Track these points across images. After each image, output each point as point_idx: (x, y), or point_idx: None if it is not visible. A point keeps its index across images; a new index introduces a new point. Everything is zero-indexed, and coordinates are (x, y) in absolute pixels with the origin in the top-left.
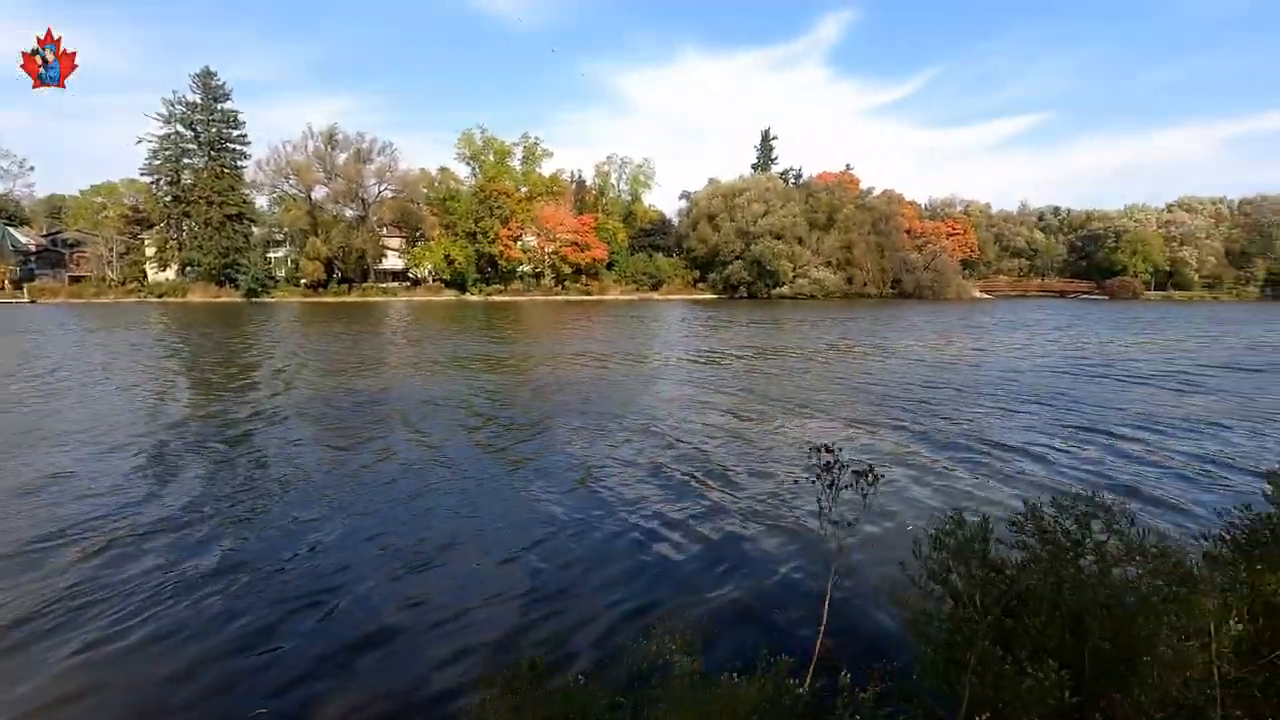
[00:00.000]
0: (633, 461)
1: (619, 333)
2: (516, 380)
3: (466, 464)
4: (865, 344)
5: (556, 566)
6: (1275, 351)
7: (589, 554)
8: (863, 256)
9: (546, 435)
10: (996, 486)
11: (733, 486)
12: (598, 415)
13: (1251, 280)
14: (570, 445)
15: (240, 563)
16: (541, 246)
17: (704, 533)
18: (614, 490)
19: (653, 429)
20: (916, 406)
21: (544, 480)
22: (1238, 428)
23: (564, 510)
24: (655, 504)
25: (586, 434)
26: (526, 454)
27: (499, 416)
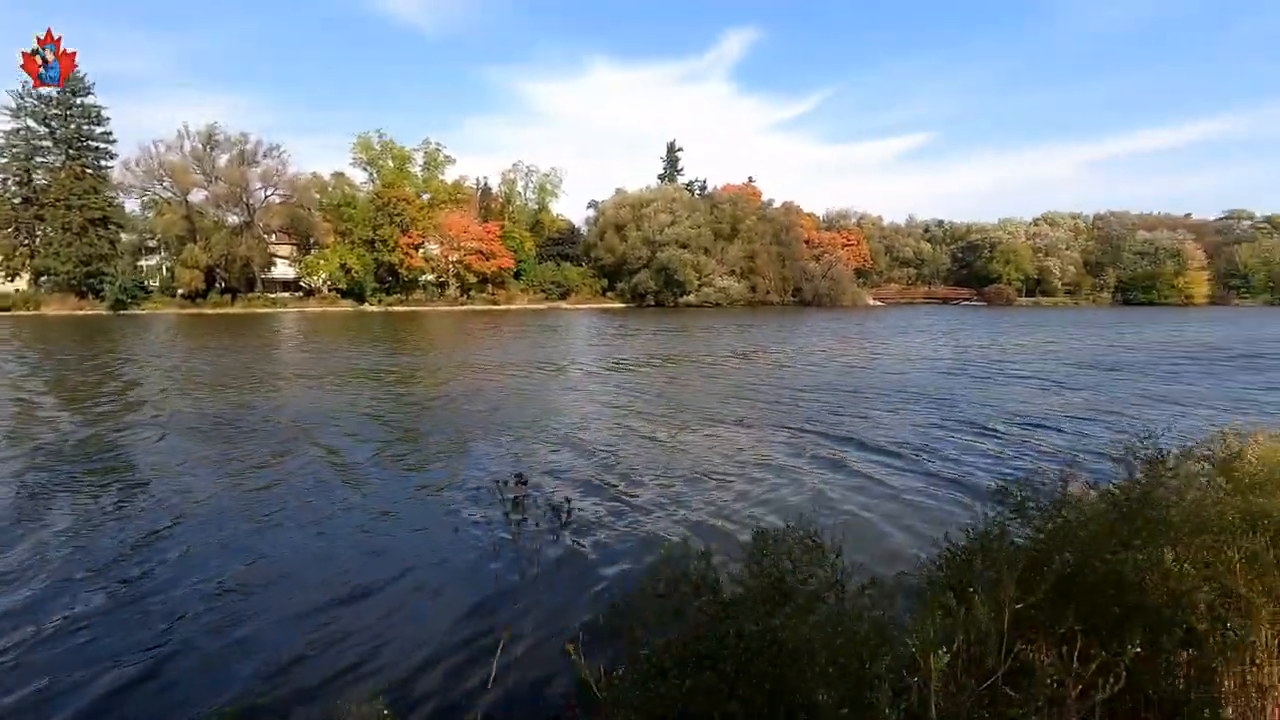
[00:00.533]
0: (542, 473)
1: (526, 342)
2: (416, 394)
3: (357, 485)
4: (768, 350)
5: (438, 596)
6: (1126, 351)
7: (464, 580)
8: (765, 266)
9: (446, 451)
10: (838, 496)
11: (643, 497)
12: (507, 427)
13: (1105, 287)
14: (471, 462)
15: (115, 606)
16: (445, 255)
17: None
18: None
19: (558, 440)
20: (805, 408)
21: (442, 500)
22: (1096, 421)
23: (456, 531)
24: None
25: (489, 449)
26: (426, 472)
27: (396, 433)
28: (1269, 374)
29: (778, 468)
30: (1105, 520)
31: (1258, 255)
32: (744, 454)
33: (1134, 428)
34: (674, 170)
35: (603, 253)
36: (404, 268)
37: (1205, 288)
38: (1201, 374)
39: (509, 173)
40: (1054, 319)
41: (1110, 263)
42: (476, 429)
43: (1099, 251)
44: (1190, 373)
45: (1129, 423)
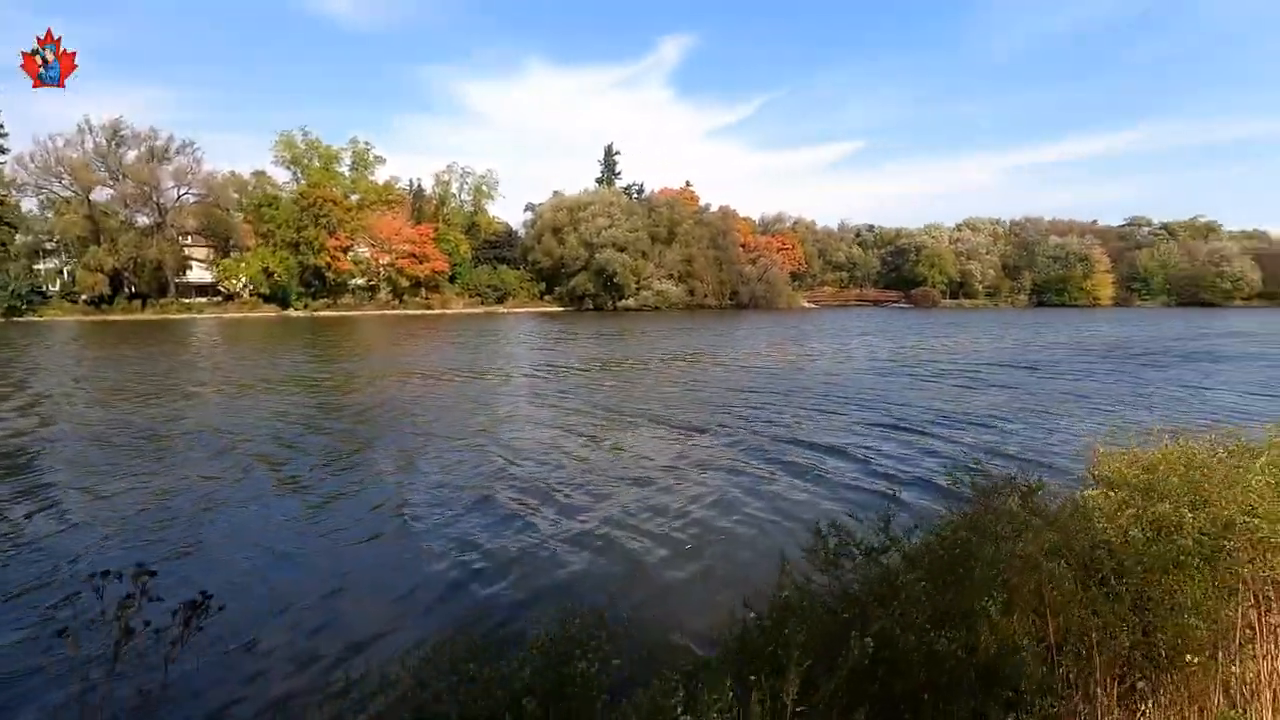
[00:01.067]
0: (459, 488)
1: (459, 347)
2: (340, 402)
3: (266, 503)
4: (705, 353)
5: (349, 630)
6: (1041, 350)
7: (385, 609)
8: (702, 269)
9: (366, 464)
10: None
11: (564, 511)
12: (428, 437)
13: (1022, 289)
14: (391, 474)
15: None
16: (376, 258)
17: (518, 560)
18: (430, 525)
19: (487, 449)
20: (734, 412)
21: (354, 518)
22: (1014, 419)
23: (370, 555)
24: (477, 541)
25: (412, 460)
26: (339, 487)
27: (313, 444)
28: (1169, 371)
29: (696, 474)
30: (928, 567)
31: (1156, 260)
32: (666, 462)
33: (1013, 437)
34: (612, 174)
35: (540, 256)
36: (331, 271)
37: (1110, 290)
38: (1110, 371)
39: (443, 174)
40: (976, 320)
41: (1026, 266)
42: (400, 441)
43: (1016, 256)
44: (1100, 370)
45: (1041, 420)
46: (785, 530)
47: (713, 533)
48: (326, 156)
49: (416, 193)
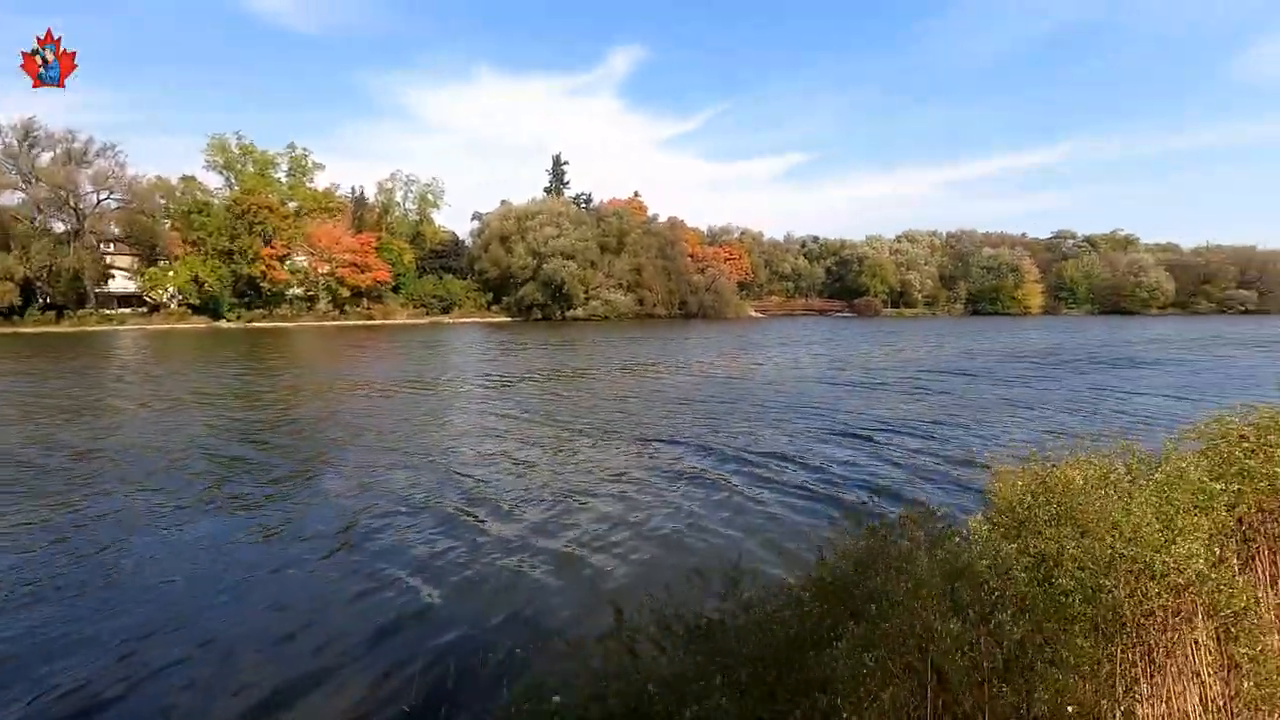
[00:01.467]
0: (397, 508)
1: (401, 359)
2: (274, 417)
3: (192, 529)
4: (655, 363)
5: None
6: (978, 358)
7: (317, 648)
8: (651, 279)
9: (300, 484)
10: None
11: (500, 532)
12: (364, 452)
13: (958, 299)
14: (327, 495)
15: None
16: (315, 267)
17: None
18: (380, 549)
19: (425, 465)
20: (680, 421)
21: (298, 543)
22: (951, 424)
23: (319, 583)
24: (416, 565)
25: (357, 477)
26: (271, 510)
27: (245, 463)
28: (1095, 376)
29: (636, 487)
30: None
31: (1080, 271)
32: (605, 478)
33: (945, 446)
34: (560, 183)
35: (487, 265)
36: (267, 281)
37: (1039, 299)
38: (1042, 377)
39: (386, 182)
40: (916, 328)
41: (962, 276)
42: (336, 458)
43: (952, 266)
44: (1033, 376)
45: (978, 427)
46: (709, 550)
47: (625, 561)
48: (262, 162)
49: (358, 200)
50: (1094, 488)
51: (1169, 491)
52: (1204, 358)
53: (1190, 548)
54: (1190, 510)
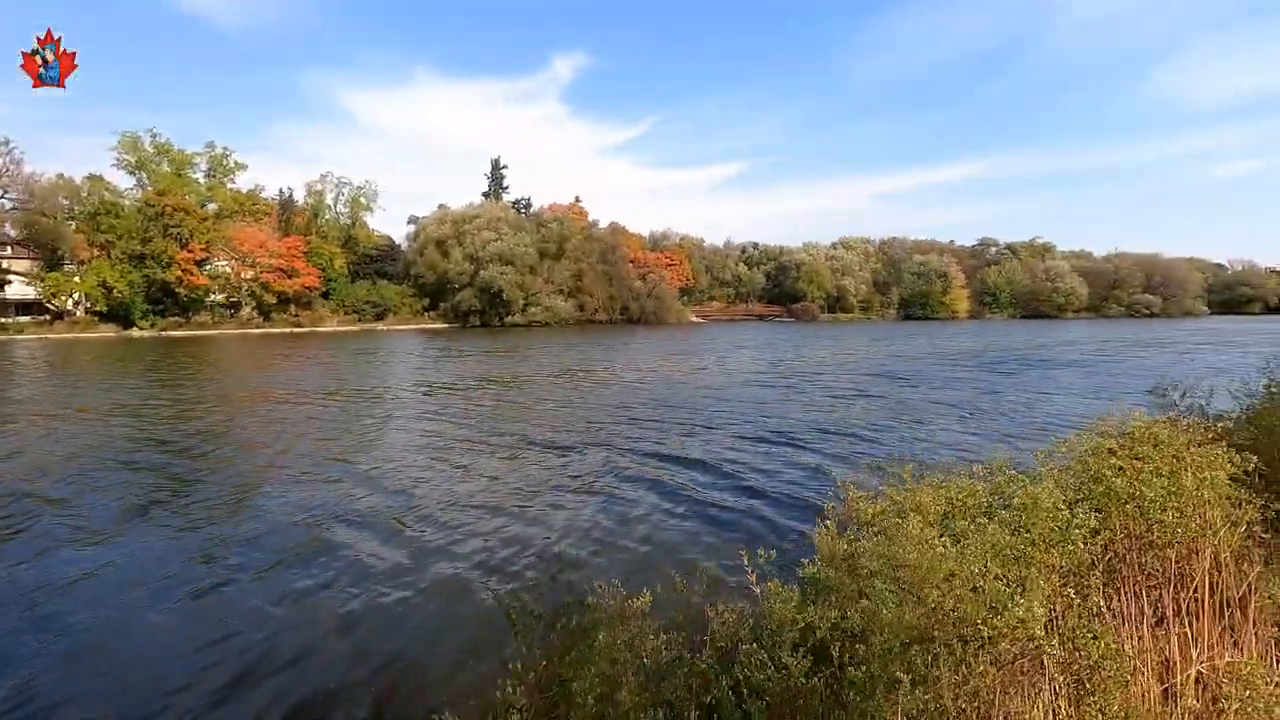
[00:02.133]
0: (293, 530)
1: (328, 367)
2: (174, 431)
3: (48, 560)
4: (594, 369)
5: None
6: (911, 361)
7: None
8: (592, 285)
9: (189, 504)
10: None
11: (408, 554)
12: (272, 469)
13: (890, 304)
14: (218, 517)
15: None
16: (238, 272)
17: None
18: (250, 581)
19: (336, 481)
20: (623, 428)
21: (158, 574)
22: (890, 425)
23: (228, 607)
24: (300, 599)
25: (246, 496)
26: (147, 534)
27: (128, 483)
28: (1016, 377)
29: (564, 501)
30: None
31: (1002, 277)
32: (534, 488)
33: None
34: (499, 188)
35: (423, 270)
36: (184, 287)
37: (966, 304)
38: (968, 379)
39: (316, 184)
40: (852, 332)
41: (894, 282)
42: (237, 474)
43: (885, 273)
44: (959, 378)
45: (911, 429)
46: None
47: (505, 577)
48: (179, 161)
49: (284, 203)
50: (937, 522)
51: (1025, 519)
52: (1114, 358)
53: (1029, 608)
54: (1046, 544)
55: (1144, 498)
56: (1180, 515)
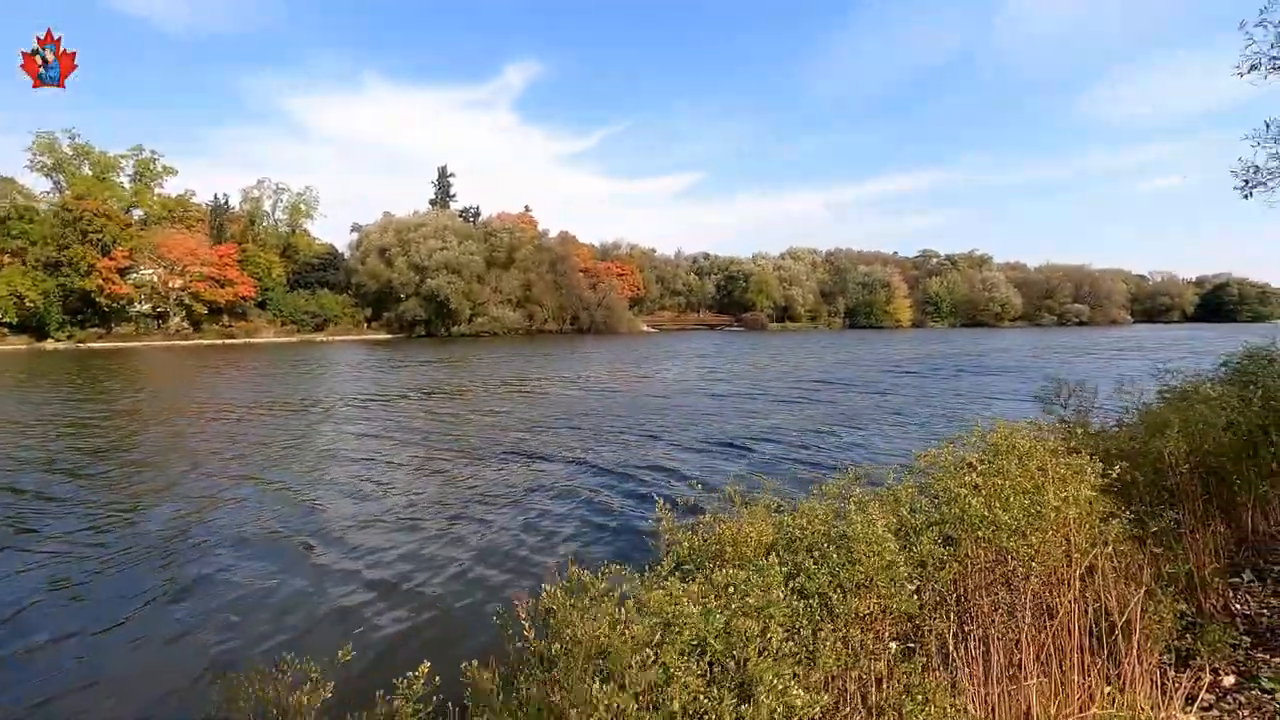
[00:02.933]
0: (242, 541)
1: (262, 379)
2: (99, 446)
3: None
4: (540, 379)
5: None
6: (855, 367)
7: None
8: (542, 294)
9: (133, 520)
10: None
11: (367, 559)
12: (212, 482)
13: (837, 313)
14: (164, 533)
15: None
16: (165, 281)
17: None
18: (203, 602)
19: (283, 495)
20: (565, 440)
21: (95, 600)
22: (836, 430)
23: (127, 646)
24: (251, 609)
25: (186, 515)
26: (80, 560)
27: (45, 501)
28: (953, 383)
29: (497, 515)
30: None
31: (943, 287)
32: (465, 501)
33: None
34: (446, 196)
35: (366, 279)
36: (105, 296)
37: (909, 313)
38: (910, 385)
39: (252, 190)
40: (800, 341)
41: (840, 292)
42: (166, 488)
43: (831, 282)
44: (902, 384)
45: (839, 435)
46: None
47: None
48: (101, 164)
49: (216, 209)
50: (762, 556)
51: (846, 557)
52: (1045, 364)
53: (799, 695)
54: (862, 587)
55: (1000, 523)
56: (1042, 539)
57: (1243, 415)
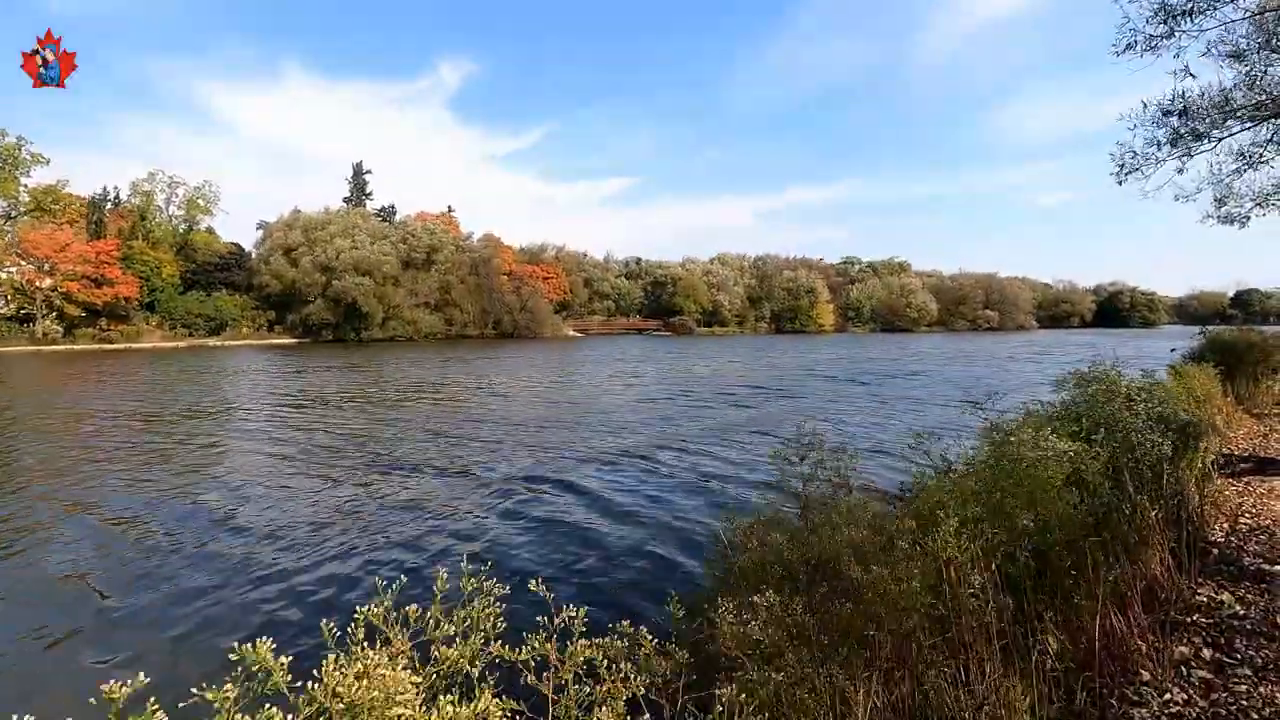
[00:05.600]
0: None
1: (126, 389)
2: None
3: None
4: (444, 385)
5: None
6: (780, 370)
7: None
8: (461, 297)
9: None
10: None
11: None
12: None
13: (763, 318)
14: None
15: None
16: (31, 280)
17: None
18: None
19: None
20: (460, 450)
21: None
22: (726, 440)
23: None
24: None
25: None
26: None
27: None
28: (873, 388)
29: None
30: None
31: (864, 293)
32: (338, 512)
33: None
34: (362, 194)
35: (269, 280)
36: None
37: (832, 318)
38: (828, 390)
39: (143, 183)
40: (726, 346)
41: (766, 297)
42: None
43: (758, 288)
44: (821, 389)
45: (739, 447)
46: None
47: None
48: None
49: (94, 202)
50: None
51: None
52: (959, 368)
53: None
54: None
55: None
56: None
57: (1085, 470)
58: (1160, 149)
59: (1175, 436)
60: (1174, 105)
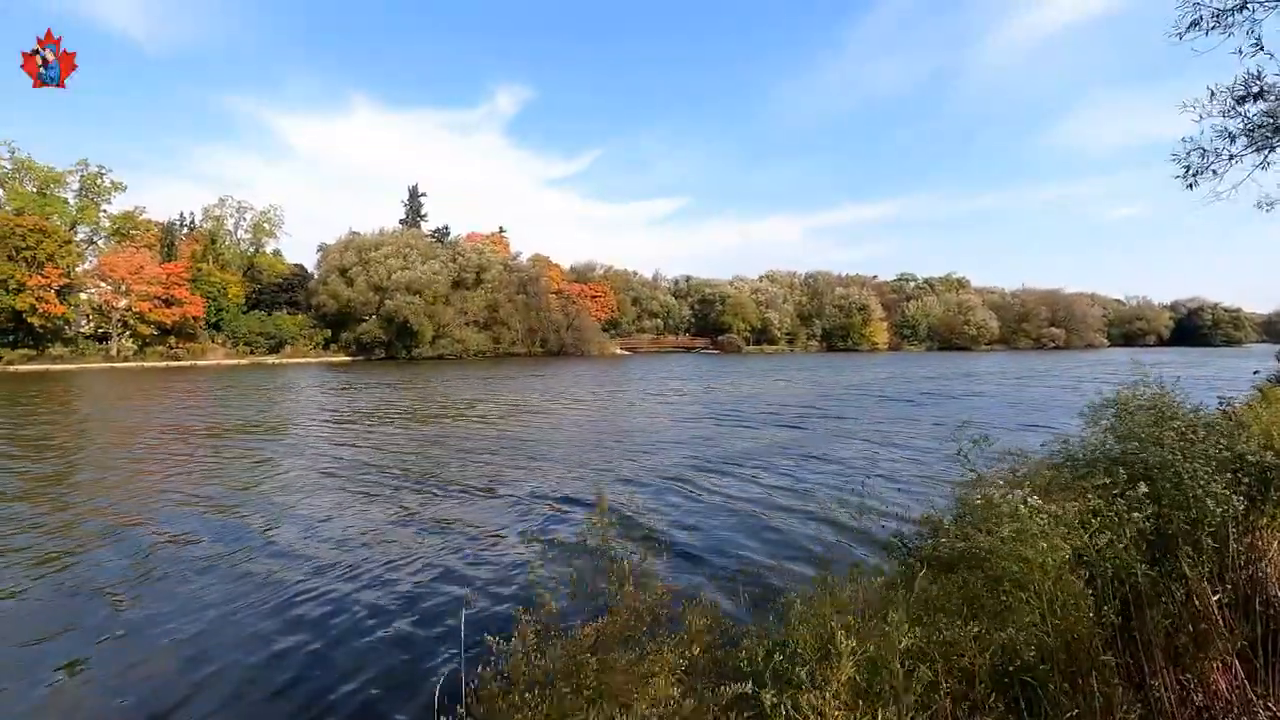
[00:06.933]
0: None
1: (185, 405)
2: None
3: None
4: (499, 403)
5: None
6: (830, 390)
7: None
8: (509, 316)
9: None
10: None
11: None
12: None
13: (814, 336)
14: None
15: None
16: (108, 301)
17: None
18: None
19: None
20: (483, 466)
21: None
22: (802, 464)
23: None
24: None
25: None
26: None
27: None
28: (925, 408)
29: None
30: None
31: (920, 310)
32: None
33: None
34: (417, 216)
35: (326, 299)
36: (37, 315)
37: (885, 336)
38: (887, 410)
39: (214, 208)
40: (776, 364)
41: (817, 315)
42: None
43: (809, 305)
44: (877, 411)
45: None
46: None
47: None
48: (45, 179)
49: (167, 227)
50: None
51: None
52: (1023, 388)
53: None
54: None
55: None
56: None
57: (1110, 549)
58: (1234, 142)
59: (1251, 484)
60: (1248, 88)
